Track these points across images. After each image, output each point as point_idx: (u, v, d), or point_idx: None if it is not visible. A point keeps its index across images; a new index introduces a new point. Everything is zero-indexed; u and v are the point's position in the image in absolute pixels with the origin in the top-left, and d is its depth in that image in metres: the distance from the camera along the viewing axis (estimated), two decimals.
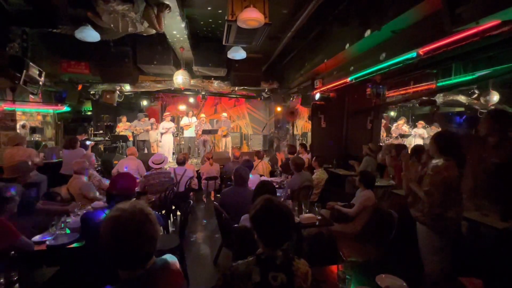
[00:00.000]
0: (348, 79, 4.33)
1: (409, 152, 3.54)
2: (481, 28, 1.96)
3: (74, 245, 2.08)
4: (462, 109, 7.85)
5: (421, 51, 2.79)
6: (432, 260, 2.04)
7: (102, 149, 7.34)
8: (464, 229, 2.26)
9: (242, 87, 7.31)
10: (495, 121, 2.33)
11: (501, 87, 5.64)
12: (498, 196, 2.30)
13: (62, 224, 2.27)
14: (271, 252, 1.20)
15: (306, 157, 5.65)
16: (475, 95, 6.12)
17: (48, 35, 4.87)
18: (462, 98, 6.81)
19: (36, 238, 2.16)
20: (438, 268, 2.00)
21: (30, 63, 4.12)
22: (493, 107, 6.25)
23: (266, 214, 1.23)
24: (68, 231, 2.27)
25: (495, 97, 5.56)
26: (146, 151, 7.71)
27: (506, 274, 1.91)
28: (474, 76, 3.75)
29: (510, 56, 3.31)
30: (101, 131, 7.84)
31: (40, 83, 4.53)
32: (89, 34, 3.90)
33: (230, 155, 7.33)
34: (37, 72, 4.35)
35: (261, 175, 5.08)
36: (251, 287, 1.11)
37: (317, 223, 2.70)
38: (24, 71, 3.94)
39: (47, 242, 2.08)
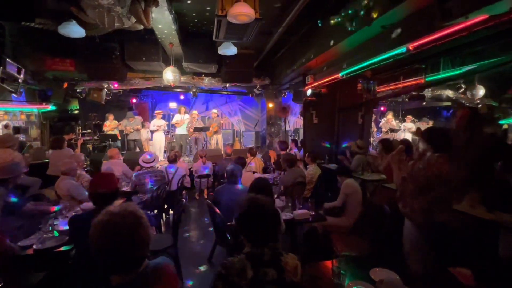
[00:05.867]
0: (339, 75, 4.34)
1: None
2: (469, 22, 1.98)
3: (63, 248, 2.02)
4: (449, 103, 8.02)
5: (411, 46, 2.81)
6: (414, 256, 2.06)
7: (90, 148, 7.16)
8: (453, 221, 2.31)
9: (233, 84, 7.24)
10: (468, 119, 2.44)
11: (487, 82, 5.78)
12: (478, 187, 2.38)
13: (50, 227, 2.20)
14: (258, 250, 1.20)
15: (295, 152, 5.70)
16: (462, 90, 6.27)
17: (30, 32, 4.67)
18: (449, 93, 6.96)
19: (23, 242, 2.09)
20: (421, 266, 2.02)
21: (8, 59, 3.90)
22: (478, 101, 6.42)
23: (251, 214, 1.24)
24: (56, 234, 2.20)
25: (480, 91, 5.69)
26: (138, 150, 7.57)
27: (494, 264, 1.96)
28: (461, 71, 3.82)
29: (495, 51, 3.39)
30: (89, 130, 7.63)
31: (20, 80, 4.31)
32: (74, 30, 3.75)
33: (222, 152, 7.28)
34: (16, 69, 4.14)
35: (254, 172, 5.07)
36: (246, 282, 1.11)
37: (310, 219, 2.71)
38: (1, 67, 3.73)
39: (34, 246, 2.01)
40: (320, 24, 3.24)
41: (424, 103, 8.51)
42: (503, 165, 2.34)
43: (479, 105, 7.19)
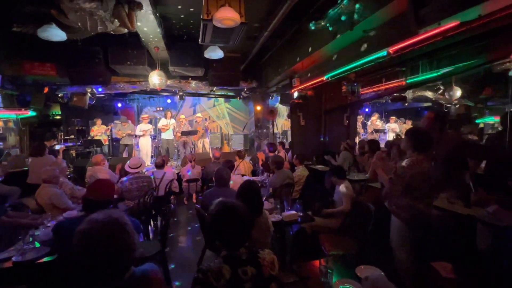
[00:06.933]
0: (324, 77, 4.44)
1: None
2: (442, 28, 2.09)
3: (44, 260, 1.94)
4: (429, 104, 8.37)
5: (391, 49, 2.92)
6: (402, 250, 2.14)
7: (74, 155, 6.93)
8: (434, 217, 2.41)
9: (220, 87, 7.24)
10: (435, 120, 2.59)
11: (464, 83, 6.09)
12: (455, 184, 2.51)
13: (30, 238, 2.10)
14: (235, 252, 1.22)
15: (283, 153, 5.77)
16: (441, 91, 6.57)
17: (7, 35, 4.49)
18: (429, 94, 7.26)
19: (1, 254, 1.99)
20: (409, 259, 2.10)
21: None
22: (455, 102, 6.73)
23: (223, 220, 1.26)
24: (37, 244, 2.11)
25: (457, 92, 5.98)
26: (127, 155, 7.42)
27: (472, 257, 2.07)
28: (439, 73, 4.01)
29: (469, 54, 3.59)
30: (72, 136, 7.39)
31: None
32: (54, 34, 3.65)
33: (211, 156, 7.25)
34: None
35: (243, 175, 5.07)
36: (224, 283, 1.12)
37: (299, 220, 2.75)
38: None
39: (14, 258, 1.92)
40: (313, 28, 3.31)
41: (406, 104, 8.84)
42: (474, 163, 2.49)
43: (457, 105, 7.55)
